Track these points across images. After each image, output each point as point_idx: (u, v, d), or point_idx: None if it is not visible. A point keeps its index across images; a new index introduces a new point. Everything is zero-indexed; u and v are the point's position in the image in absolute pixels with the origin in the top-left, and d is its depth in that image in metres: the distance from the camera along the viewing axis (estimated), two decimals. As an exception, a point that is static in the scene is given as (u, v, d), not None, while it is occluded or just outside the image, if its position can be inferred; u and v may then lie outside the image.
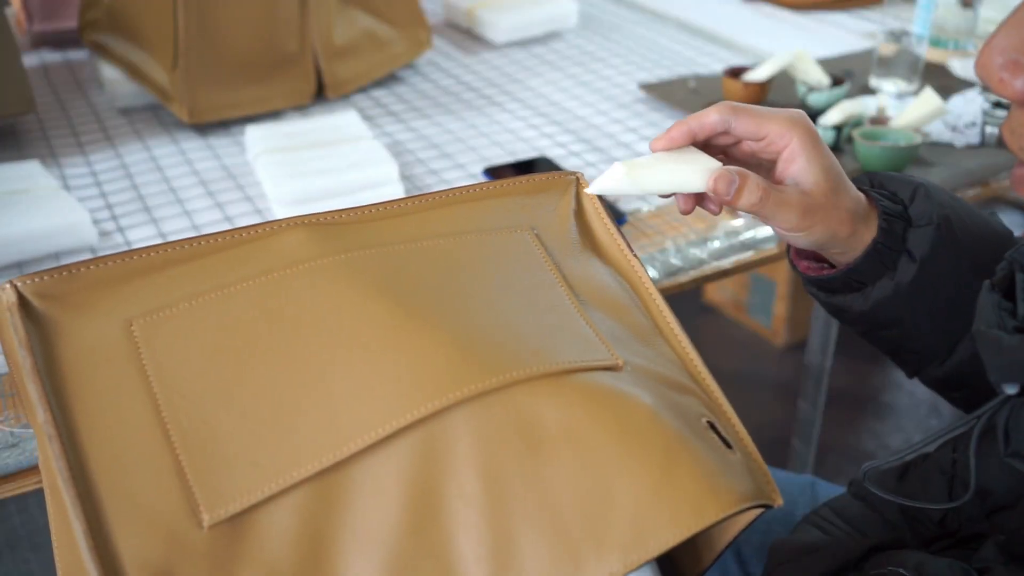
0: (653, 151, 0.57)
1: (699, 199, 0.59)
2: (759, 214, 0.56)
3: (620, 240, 0.55)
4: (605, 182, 0.55)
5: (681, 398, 0.47)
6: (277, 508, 0.41)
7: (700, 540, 0.49)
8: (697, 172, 0.55)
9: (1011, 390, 0.47)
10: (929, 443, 0.54)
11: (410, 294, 0.47)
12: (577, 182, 0.57)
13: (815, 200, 0.56)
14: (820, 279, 0.63)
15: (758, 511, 0.44)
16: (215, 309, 0.45)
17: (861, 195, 0.59)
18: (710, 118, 0.57)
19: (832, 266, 0.63)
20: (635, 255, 0.55)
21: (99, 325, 0.44)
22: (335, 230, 0.50)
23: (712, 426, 0.46)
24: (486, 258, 0.51)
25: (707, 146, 0.59)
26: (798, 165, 0.56)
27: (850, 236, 0.58)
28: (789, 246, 0.65)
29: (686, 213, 0.60)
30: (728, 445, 0.45)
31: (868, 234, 0.59)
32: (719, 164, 0.56)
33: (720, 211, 0.59)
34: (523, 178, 0.56)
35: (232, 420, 0.42)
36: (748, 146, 0.59)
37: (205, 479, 0.41)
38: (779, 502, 0.44)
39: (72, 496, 0.39)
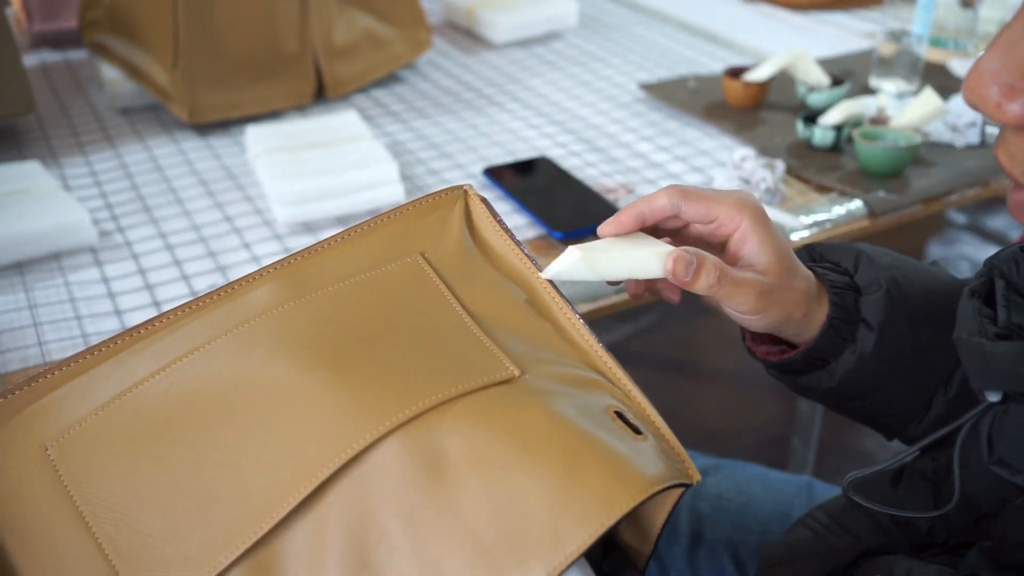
0: (601, 236, 0.56)
1: (650, 284, 0.58)
2: (716, 296, 0.54)
3: (513, 244, 0.55)
4: (559, 266, 0.53)
5: (585, 393, 0.47)
6: None
7: (638, 526, 0.49)
8: (652, 256, 0.53)
9: (994, 398, 0.47)
10: (913, 452, 0.54)
11: (305, 353, 0.48)
12: (465, 194, 0.57)
13: (770, 281, 0.55)
14: (782, 363, 0.62)
15: (678, 491, 0.44)
16: (122, 413, 0.47)
17: (811, 274, 0.59)
18: (659, 202, 0.55)
19: (791, 346, 0.62)
20: (530, 257, 0.55)
21: (17, 458, 0.46)
22: (227, 308, 0.51)
23: (620, 415, 0.46)
24: (377, 297, 0.52)
25: (656, 230, 0.58)
26: (750, 246, 0.55)
27: (804, 316, 0.58)
28: (744, 333, 0.64)
29: (635, 298, 0.59)
30: (637, 432, 0.45)
31: (821, 312, 0.59)
32: (671, 248, 0.54)
33: (678, 299, 0.57)
34: (411, 203, 0.57)
35: (157, 520, 0.44)
36: (696, 229, 0.57)
37: None
38: (696, 479, 0.44)
39: None
